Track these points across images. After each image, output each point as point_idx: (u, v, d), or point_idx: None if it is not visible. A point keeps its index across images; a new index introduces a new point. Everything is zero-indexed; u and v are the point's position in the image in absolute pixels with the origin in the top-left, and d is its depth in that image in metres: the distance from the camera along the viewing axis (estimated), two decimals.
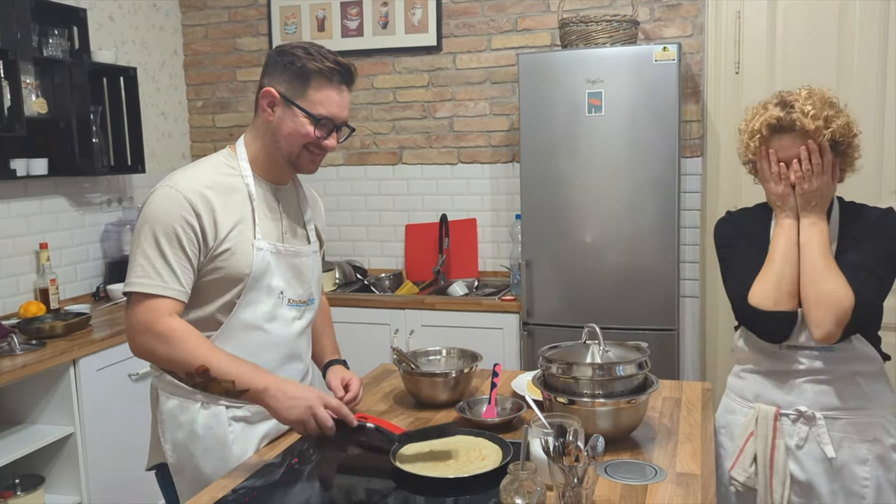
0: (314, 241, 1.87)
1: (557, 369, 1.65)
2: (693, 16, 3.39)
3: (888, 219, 1.77)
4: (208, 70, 4.18)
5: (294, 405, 1.54)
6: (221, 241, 1.62)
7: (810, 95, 1.72)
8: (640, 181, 3.03)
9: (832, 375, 1.76)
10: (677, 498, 1.40)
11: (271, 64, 1.67)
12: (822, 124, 1.70)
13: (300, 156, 1.69)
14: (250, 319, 1.68)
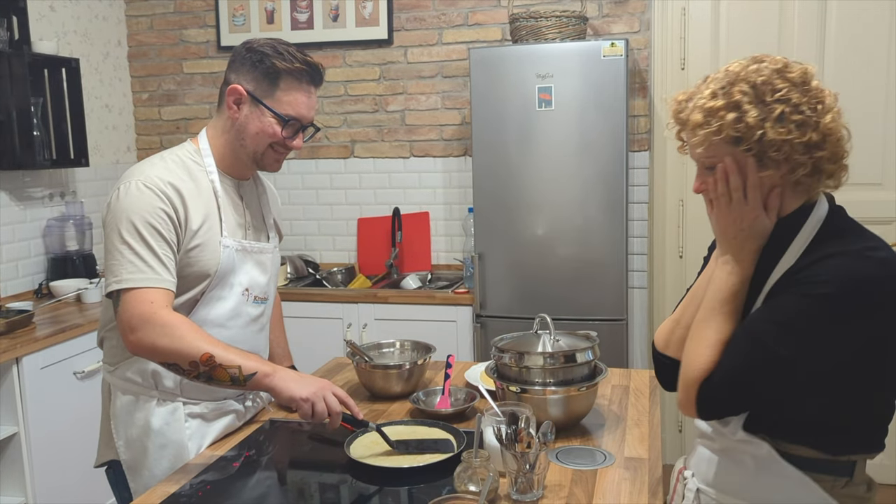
0: (275, 237, 1.86)
1: (510, 359, 1.67)
2: (640, 12, 3.45)
3: (818, 267, 1.21)
4: (154, 62, 4.10)
5: (308, 384, 1.53)
6: (192, 236, 1.60)
7: (728, 75, 1.27)
8: (590, 174, 3.08)
9: (717, 444, 1.37)
10: (626, 481, 1.44)
11: (239, 60, 1.65)
12: (701, 118, 1.25)
13: (265, 155, 1.68)
14: (212, 317, 1.66)
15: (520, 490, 1.37)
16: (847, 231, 1.26)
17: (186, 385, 1.66)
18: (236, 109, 1.65)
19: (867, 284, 1.18)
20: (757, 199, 1.25)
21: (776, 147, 1.21)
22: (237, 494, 1.45)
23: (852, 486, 1.25)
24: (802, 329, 1.19)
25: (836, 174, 1.26)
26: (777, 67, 1.24)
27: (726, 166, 1.24)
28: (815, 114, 1.21)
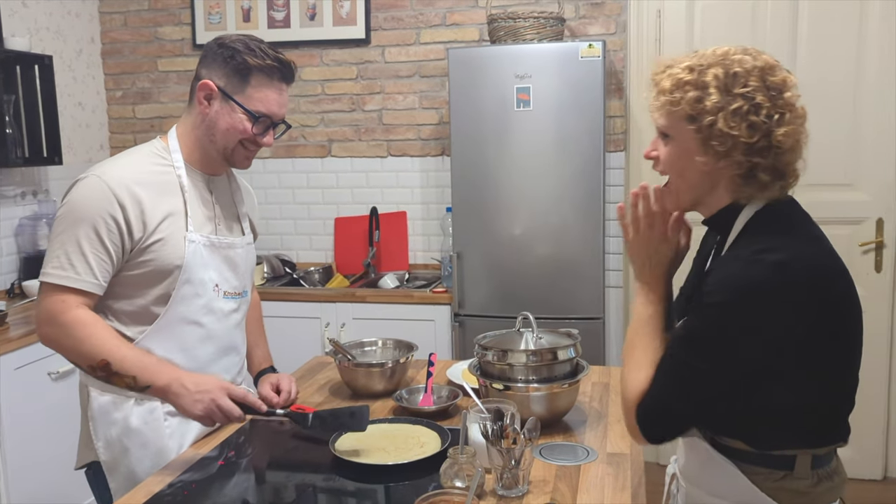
0: (248, 233, 1.86)
1: (493, 356, 1.69)
2: (616, 14, 3.49)
3: (712, 276, 1.24)
4: (128, 59, 4.05)
5: (198, 399, 1.54)
6: (151, 232, 1.59)
7: (713, 55, 1.27)
8: (567, 175, 3.11)
9: (686, 435, 1.38)
10: (609, 476, 1.46)
11: (210, 55, 1.65)
12: (668, 86, 1.26)
13: (235, 151, 1.68)
14: (186, 314, 1.66)
15: (505, 486, 1.38)
16: (759, 231, 1.26)
17: None
18: (207, 105, 1.64)
19: (754, 290, 1.18)
20: (662, 226, 1.33)
21: (721, 138, 1.22)
22: (222, 493, 1.44)
23: (792, 480, 1.25)
24: (711, 339, 1.22)
25: (769, 186, 1.25)
26: (760, 65, 1.24)
27: (637, 193, 1.31)
28: (771, 121, 1.21)
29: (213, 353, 1.72)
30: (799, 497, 1.25)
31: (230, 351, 1.78)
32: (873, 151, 3.22)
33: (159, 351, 1.64)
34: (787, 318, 1.19)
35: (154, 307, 1.63)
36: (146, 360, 1.57)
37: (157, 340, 1.64)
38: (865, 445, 3.36)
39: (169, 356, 1.65)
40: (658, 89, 1.29)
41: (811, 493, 1.26)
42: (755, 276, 1.18)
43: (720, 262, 1.26)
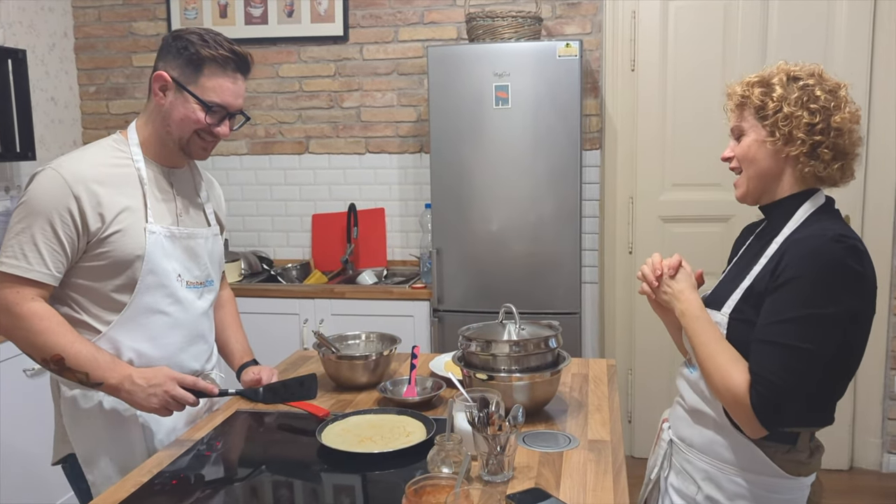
0: (213, 225, 1.86)
1: (477, 347, 1.72)
2: (592, 14, 3.54)
3: (797, 253, 1.37)
4: (102, 54, 4.01)
5: (151, 393, 1.57)
6: (108, 224, 1.60)
7: (777, 69, 1.48)
8: (544, 172, 3.15)
9: (688, 405, 1.54)
10: (591, 462, 1.50)
11: (165, 48, 1.67)
12: (739, 90, 1.49)
13: (191, 142, 1.69)
14: (151, 303, 1.67)
15: (491, 471, 1.41)
16: (825, 219, 1.42)
17: None
18: (162, 96, 1.66)
19: (840, 267, 1.32)
20: None
21: (786, 121, 1.40)
22: (210, 483, 1.46)
23: (794, 453, 1.42)
24: (807, 317, 1.32)
25: (830, 165, 1.41)
26: (817, 72, 1.45)
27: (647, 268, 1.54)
28: (829, 109, 1.39)
29: (181, 341, 1.74)
30: (799, 467, 1.42)
31: (198, 339, 1.79)
32: None
33: (129, 341, 1.65)
34: (859, 299, 1.34)
35: (116, 295, 1.64)
36: (99, 358, 1.58)
37: (126, 330, 1.65)
38: (833, 438, 3.45)
39: (138, 345, 1.66)
40: (731, 95, 1.51)
41: (807, 464, 1.43)
42: (840, 254, 1.32)
43: (803, 242, 1.36)
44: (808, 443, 1.44)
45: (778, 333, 1.32)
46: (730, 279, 1.52)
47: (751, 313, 1.40)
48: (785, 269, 1.34)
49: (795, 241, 1.38)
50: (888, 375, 3.47)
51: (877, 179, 3.35)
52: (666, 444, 1.61)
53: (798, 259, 1.34)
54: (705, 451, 1.49)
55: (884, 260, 3.38)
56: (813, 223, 1.42)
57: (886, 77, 3.29)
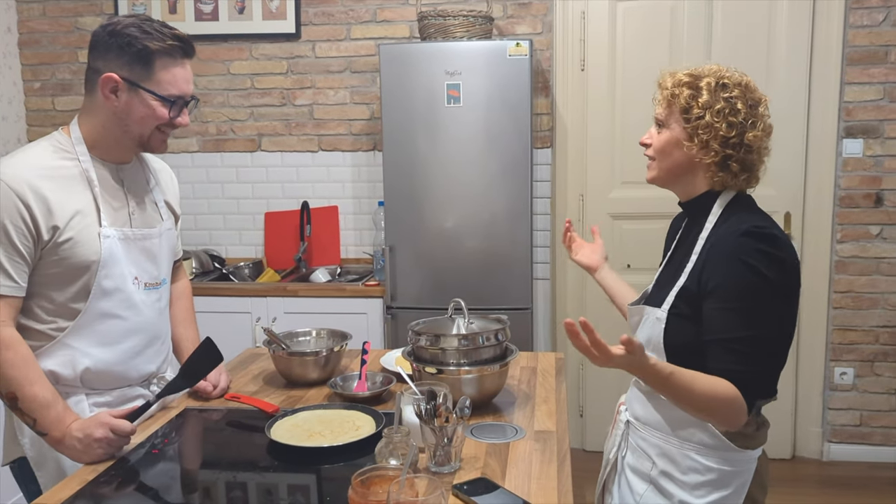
0: (167, 218, 1.82)
1: (426, 341, 1.74)
2: (543, 14, 3.59)
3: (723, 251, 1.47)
4: (47, 50, 3.93)
5: (88, 444, 1.50)
6: (61, 230, 1.56)
7: (709, 70, 1.55)
8: (496, 170, 3.19)
9: (644, 385, 1.58)
10: (536, 452, 1.54)
11: (103, 45, 1.59)
12: (670, 84, 1.55)
13: (152, 137, 1.66)
14: (107, 308, 1.64)
15: (438, 462, 1.44)
16: (741, 213, 1.51)
17: (87, 377, 1.64)
18: (114, 98, 1.60)
19: (770, 256, 1.41)
20: (602, 351, 1.29)
21: (705, 129, 1.49)
22: (158, 479, 1.45)
23: (742, 427, 1.47)
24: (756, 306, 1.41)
25: (738, 176, 1.51)
26: (744, 83, 1.52)
27: (567, 327, 1.27)
28: (745, 125, 1.48)
29: (137, 345, 1.71)
30: (746, 440, 1.50)
31: (154, 341, 1.77)
32: (783, 148, 3.41)
33: (84, 347, 1.62)
34: (781, 278, 1.43)
35: (73, 304, 1.61)
36: (50, 410, 1.53)
37: (81, 337, 1.62)
38: (776, 428, 3.54)
39: (93, 351, 1.63)
40: (662, 87, 1.58)
41: (755, 437, 1.52)
42: (755, 244, 1.42)
43: (717, 246, 1.46)
44: (755, 418, 1.52)
45: (724, 331, 1.41)
46: (666, 278, 1.60)
47: (685, 308, 1.49)
48: (709, 275, 1.44)
49: (714, 244, 1.47)
50: (828, 367, 3.59)
51: (816, 176, 3.47)
52: (623, 424, 1.67)
53: (716, 264, 1.44)
54: (659, 429, 1.56)
55: (823, 255, 3.50)
56: (729, 217, 1.51)
57: (825, 74, 3.41)
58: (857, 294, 3.52)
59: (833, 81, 3.41)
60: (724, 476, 1.49)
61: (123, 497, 1.38)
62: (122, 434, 1.52)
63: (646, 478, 1.58)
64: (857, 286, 3.51)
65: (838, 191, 3.47)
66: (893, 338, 3.52)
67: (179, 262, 2.03)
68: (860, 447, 3.61)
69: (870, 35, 3.37)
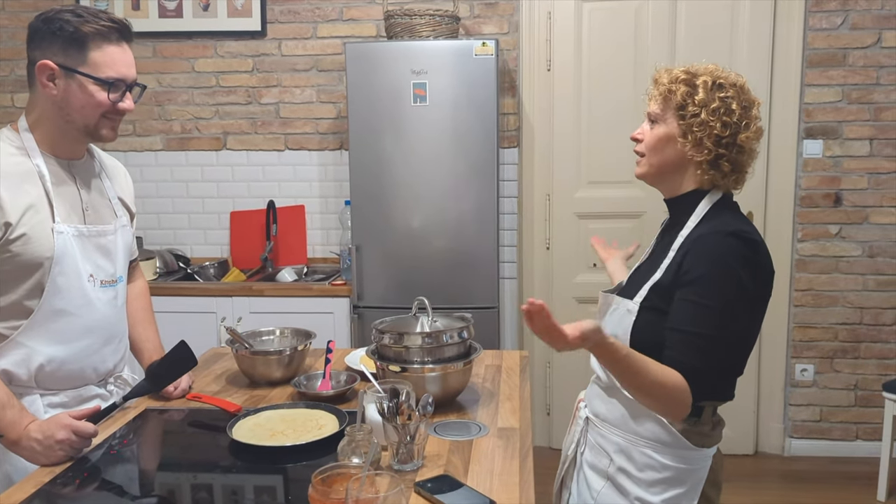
0: (122, 215, 1.79)
1: (389, 339, 1.74)
2: (509, 14, 3.61)
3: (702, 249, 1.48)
4: (6, 45, 3.85)
5: (49, 446, 1.48)
6: (12, 227, 1.53)
7: (704, 69, 1.56)
8: (463, 169, 3.20)
9: (603, 383, 1.61)
10: (499, 448, 1.54)
11: (38, 34, 1.56)
12: (666, 81, 1.55)
13: (98, 125, 1.61)
14: (61, 306, 1.61)
15: (401, 460, 1.44)
16: (724, 215, 1.52)
17: (41, 376, 1.61)
18: (52, 86, 1.56)
19: (742, 259, 1.43)
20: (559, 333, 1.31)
21: (700, 127, 1.49)
22: (116, 481, 1.43)
23: (699, 426, 1.51)
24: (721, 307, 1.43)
25: (727, 176, 1.52)
26: (739, 84, 1.54)
27: (526, 308, 1.28)
28: (739, 127, 1.49)
29: (93, 343, 1.68)
30: (702, 438, 1.52)
31: (111, 339, 1.74)
32: None
33: (39, 345, 1.59)
34: (756, 286, 1.45)
35: (27, 301, 1.58)
36: (6, 411, 1.50)
37: (35, 335, 1.59)
38: (738, 425, 3.62)
39: (48, 350, 1.60)
40: (658, 83, 1.58)
41: (710, 436, 1.53)
42: (740, 247, 1.44)
43: (703, 240, 1.47)
44: (711, 417, 1.54)
45: (691, 325, 1.43)
46: (643, 272, 1.61)
47: (657, 302, 1.50)
48: (690, 267, 1.45)
49: (697, 238, 1.48)
50: (789, 364, 3.66)
51: (777, 176, 3.53)
52: (582, 421, 1.68)
53: (699, 257, 1.45)
54: (618, 426, 1.57)
55: (784, 254, 3.56)
56: (713, 218, 1.52)
57: (786, 74, 3.47)
58: (818, 292, 3.59)
59: (793, 83, 3.48)
60: (680, 473, 1.51)
61: (81, 500, 1.36)
62: (84, 436, 1.49)
63: (603, 474, 1.59)
64: (816, 284, 3.59)
65: (799, 191, 3.54)
66: (852, 335, 3.60)
67: (136, 262, 1.99)
68: (820, 442, 3.68)
69: (828, 38, 3.44)
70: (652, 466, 1.52)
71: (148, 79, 3.72)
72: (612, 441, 1.58)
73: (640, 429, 1.53)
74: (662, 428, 1.50)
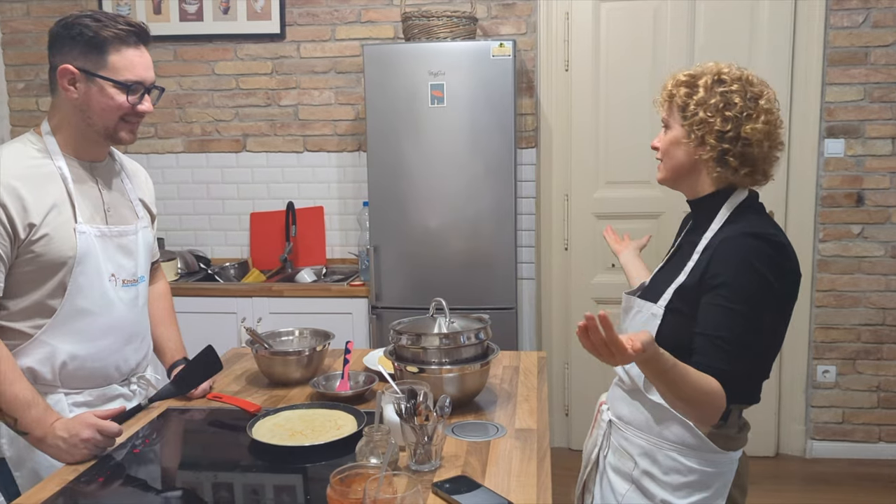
0: (143, 216, 1.83)
1: (407, 340, 1.75)
2: (527, 15, 3.61)
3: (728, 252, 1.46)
4: (31, 50, 3.91)
5: (75, 444, 1.50)
6: (36, 228, 1.56)
7: (710, 68, 1.55)
8: (480, 170, 3.20)
9: (627, 386, 1.62)
10: (517, 449, 1.55)
11: (59, 39, 1.60)
12: (669, 86, 1.57)
13: (118, 127, 1.65)
14: (84, 305, 1.64)
15: (419, 461, 1.44)
16: (750, 216, 1.51)
17: (64, 374, 1.65)
18: (73, 90, 1.60)
19: (770, 262, 1.42)
20: (618, 348, 1.24)
21: (700, 125, 1.49)
22: (139, 480, 1.45)
23: (725, 429, 1.51)
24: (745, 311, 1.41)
25: (738, 171, 1.50)
26: (744, 77, 1.52)
27: (583, 325, 1.23)
28: (742, 118, 1.47)
29: (115, 342, 1.71)
30: (729, 442, 1.51)
31: (134, 338, 1.77)
32: None
33: (62, 344, 1.62)
34: (782, 289, 1.44)
35: (50, 300, 1.61)
36: (31, 409, 1.53)
37: (58, 334, 1.62)
38: (760, 426, 3.58)
39: (71, 348, 1.63)
40: (664, 89, 1.59)
41: (736, 439, 1.53)
42: (766, 249, 1.43)
43: (728, 242, 1.45)
44: (737, 420, 1.53)
45: (721, 329, 1.41)
46: (665, 275, 1.60)
47: (681, 304, 1.49)
48: (716, 271, 1.43)
49: (722, 241, 1.46)
50: (811, 365, 3.62)
51: (798, 176, 3.50)
52: (605, 424, 1.68)
53: (725, 260, 1.43)
54: (642, 429, 1.57)
55: (805, 254, 3.53)
56: (737, 220, 1.50)
57: (807, 72, 3.44)
58: (840, 293, 3.56)
59: (814, 82, 3.44)
60: (706, 477, 1.50)
61: (104, 498, 1.38)
62: (109, 435, 1.52)
63: (628, 478, 1.59)
64: (839, 285, 3.55)
65: (820, 190, 3.51)
66: (875, 336, 3.56)
67: (158, 264, 2.03)
68: (843, 444, 3.64)
69: (850, 36, 3.40)
70: (677, 470, 1.51)
71: (169, 82, 3.76)
72: (636, 444, 1.58)
73: (666, 432, 1.53)
74: (688, 431, 1.50)
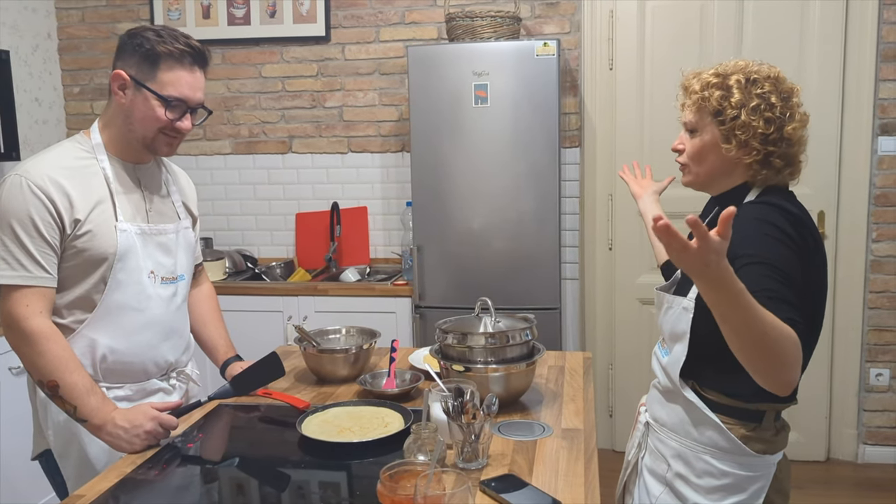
0: (184, 218, 1.88)
1: (453, 339, 1.76)
2: (571, 14, 3.59)
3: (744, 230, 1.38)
4: (85, 55, 4.03)
5: (136, 434, 1.56)
6: (81, 223, 1.62)
7: (734, 66, 1.51)
8: (524, 169, 3.20)
9: (662, 387, 1.61)
10: (563, 450, 1.55)
11: (122, 47, 1.67)
12: (698, 88, 1.50)
13: (156, 139, 1.70)
14: (123, 301, 1.69)
15: (466, 459, 1.45)
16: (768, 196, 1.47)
17: (105, 369, 1.70)
18: (122, 95, 1.66)
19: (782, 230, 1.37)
20: (701, 231, 1.16)
21: (743, 129, 1.45)
22: (193, 473, 1.49)
23: (760, 431, 1.48)
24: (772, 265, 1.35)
25: (781, 171, 1.48)
26: (773, 75, 1.48)
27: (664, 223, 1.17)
28: (783, 119, 1.44)
29: (154, 337, 1.76)
30: (765, 445, 1.48)
31: (172, 334, 1.81)
32: (816, 148, 3.36)
33: (103, 338, 1.68)
34: (805, 237, 1.39)
35: (92, 296, 1.67)
36: (91, 396, 1.59)
37: (98, 328, 1.67)
38: (810, 430, 3.52)
39: (109, 342, 1.69)
40: (689, 91, 1.53)
41: (773, 442, 1.49)
42: (774, 211, 1.40)
43: (740, 214, 1.32)
44: (774, 422, 1.49)
45: (757, 284, 1.27)
46: None
47: None
48: (734, 241, 1.21)
49: (738, 218, 1.25)
50: (864, 368, 3.54)
51: (851, 174, 3.41)
52: (643, 426, 1.67)
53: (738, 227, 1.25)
54: (676, 431, 1.55)
55: (858, 255, 3.45)
56: (759, 201, 1.47)
57: (860, 69, 3.36)
58: (893, 294, 3.46)
59: (867, 78, 3.36)
60: (741, 480, 1.48)
61: (160, 489, 1.42)
62: (167, 428, 1.59)
63: (661, 480, 1.58)
64: (893, 286, 3.46)
65: (873, 189, 3.42)
66: None
67: (202, 266, 2.08)
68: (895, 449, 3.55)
69: None
70: (710, 473, 1.49)
71: (217, 85, 3.84)
72: (669, 446, 1.57)
73: (699, 435, 1.51)
74: (720, 434, 1.48)
